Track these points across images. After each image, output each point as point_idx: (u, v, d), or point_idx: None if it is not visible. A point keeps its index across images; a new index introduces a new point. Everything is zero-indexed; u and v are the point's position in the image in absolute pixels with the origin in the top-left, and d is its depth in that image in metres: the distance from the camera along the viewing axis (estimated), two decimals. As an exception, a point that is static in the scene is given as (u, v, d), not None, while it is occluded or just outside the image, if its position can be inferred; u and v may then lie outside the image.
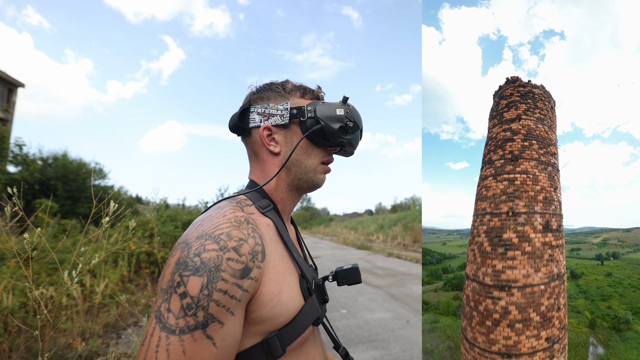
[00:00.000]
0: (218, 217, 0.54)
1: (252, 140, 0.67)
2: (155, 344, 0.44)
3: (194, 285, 0.46)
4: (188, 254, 0.48)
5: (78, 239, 5.00)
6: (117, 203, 1.19)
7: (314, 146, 0.66)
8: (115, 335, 3.87)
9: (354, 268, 0.73)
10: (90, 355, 3.21)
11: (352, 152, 0.74)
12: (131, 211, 6.24)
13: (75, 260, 1.21)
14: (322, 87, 0.71)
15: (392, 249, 12.45)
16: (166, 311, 0.46)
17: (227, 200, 0.61)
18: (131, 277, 5.37)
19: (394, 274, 7.50)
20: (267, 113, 0.65)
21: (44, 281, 3.91)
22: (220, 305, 0.47)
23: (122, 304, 1.71)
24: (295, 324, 0.55)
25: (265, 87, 0.68)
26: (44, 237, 1.08)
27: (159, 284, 0.50)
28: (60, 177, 10.92)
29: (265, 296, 0.53)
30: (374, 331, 3.83)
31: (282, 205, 0.67)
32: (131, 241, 5.04)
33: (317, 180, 0.68)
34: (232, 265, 0.49)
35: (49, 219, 6.44)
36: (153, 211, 5.02)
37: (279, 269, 0.56)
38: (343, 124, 0.65)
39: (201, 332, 0.45)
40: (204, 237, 0.50)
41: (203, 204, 10.07)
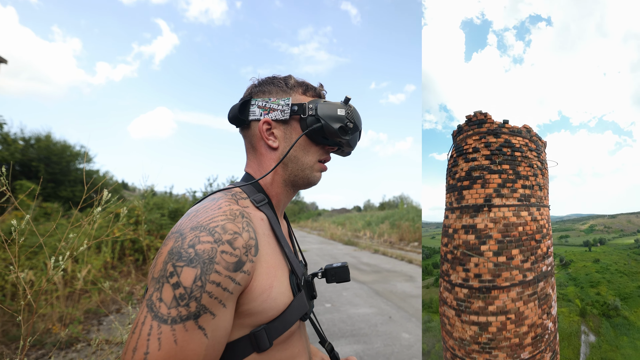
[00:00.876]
0: (213, 209, 0.54)
1: (251, 133, 0.67)
2: (147, 333, 0.44)
3: (188, 276, 0.46)
4: (182, 245, 0.48)
5: (60, 223, 4.88)
6: (104, 189, 1.18)
7: (312, 144, 0.67)
8: (96, 321, 3.82)
9: (344, 266, 0.74)
10: (70, 341, 3.16)
11: (349, 152, 0.75)
12: (117, 198, 6.12)
13: (60, 246, 1.19)
14: (317, 82, 0.72)
15: (378, 246, 12.61)
16: (158, 300, 0.46)
17: (222, 192, 0.61)
18: (114, 264, 5.29)
19: (379, 271, 7.61)
20: (268, 107, 0.65)
21: (23, 264, 3.82)
22: (213, 296, 0.47)
23: (105, 290, 1.69)
24: (283, 319, 0.56)
25: (268, 80, 0.68)
26: (31, 221, 1.05)
27: (150, 272, 0.50)
28: (43, 158, 10.57)
29: (256, 290, 0.53)
30: (357, 326, 3.90)
31: (276, 200, 0.67)
32: (116, 227, 4.95)
33: (313, 177, 0.68)
34: (225, 258, 0.49)
35: (30, 201, 6.24)
36: (140, 198, 4.94)
37: (271, 264, 0.57)
38: (343, 124, 0.65)
39: (193, 322, 0.45)
40: (199, 228, 0.50)
41: (191, 193, 9.95)
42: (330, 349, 0.74)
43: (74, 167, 11.51)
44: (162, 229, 6.24)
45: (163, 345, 0.44)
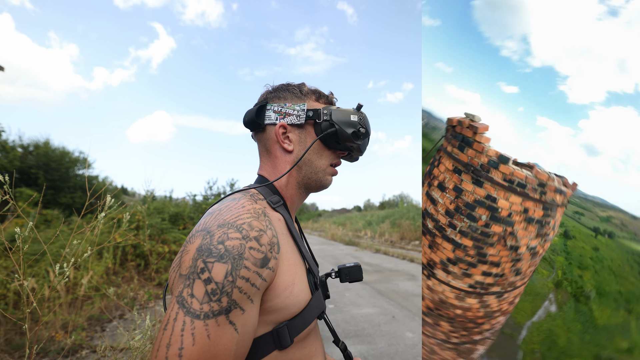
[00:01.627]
0: (237, 207, 0.55)
1: (266, 136, 0.69)
2: (180, 328, 0.44)
3: (219, 271, 0.47)
4: (211, 241, 0.49)
5: (62, 230, 4.87)
6: (107, 195, 1.18)
7: (325, 148, 0.70)
8: (99, 328, 3.81)
9: (357, 266, 0.77)
10: (74, 348, 3.15)
11: (358, 158, 0.78)
12: (119, 204, 6.12)
13: (63, 253, 1.19)
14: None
15: (379, 246, 12.60)
16: (189, 296, 0.46)
17: (240, 193, 0.62)
18: (116, 270, 5.28)
19: (381, 270, 7.61)
20: (284, 112, 0.68)
21: (25, 272, 3.81)
22: (243, 292, 0.48)
23: (109, 295, 1.69)
24: (303, 316, 0.58)
25: (282, 87, 0.71)
26: (34, 228, 1.06)
27: (175, 271, 0.51)
28: (42, 165, 10.56)
29: (280, 286, 0.55)
30: (361, 326, 3.90)
31: (290, 202, 0.70)
32: (117, 233, 4.95)
33: (326, 180, 0.71)
34: (254, 254, 0.50)
35: (30, 208, 6.23)
36: (141, 203, 4.94)
37: (292, 262, 0.59)
38: (356, 129, 0.68)
39: (224, 317, 0.46)
40: (226, 225, 0.51)
41: (191, 197, 9.93)
42: (343, 348, 0.75)
43: (73, 173, 11.49)
44: (163, 234, 6.23)
45: (197, 340, 0.44)
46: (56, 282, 1.05)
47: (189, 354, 0.43)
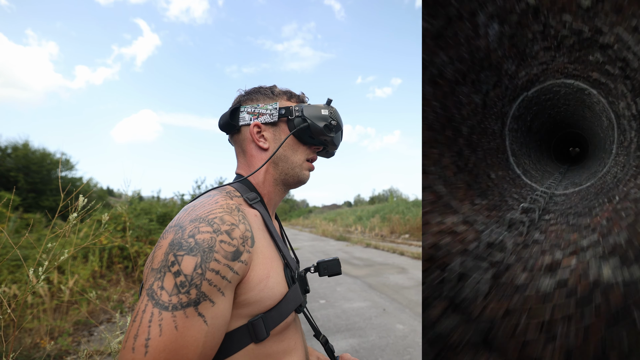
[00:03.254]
0: (211, 203, 0.56)
1: (242, 137, 0.71)
2: (148, 319, 0.45)
3: (188, 264, 0.48)
4: (182, 236, 0.50)
5: (43, 234, 4.74)
6: (86, 197, 1.14)
7: (300, 144, 0.71)
8: (87, 332, 3.73)
9: (335, 260, 0.79)
10: (60, 354, 3.08)
11: (333, 152, 0.81)
12: (102, 204, 5.98)
13: (40, 256, 1.15)
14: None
15: (370, 240, 12.71)
16: (159, 289, 0.47)
17: (216, 190, 0.63)
18: (103, 273, 5.17)
19: (372, 264, 7.68)
20: (257, 112, 0.70)
21: (6, 279, 3.69)
22: (212, 284, 0.49)
23: (91, 300, 1.65)
24: (279, 309, 0.58)
25: (255, 90, 0.73)
26: (5, 233, 1.02)
27: (148, 266, 0.51)
28: (22, 168, 10.22)
29: (254, 279, 0.55)
30: (352, 320, 3.93)
31: (268, 198, 0.71)
32: (103, 235, 4.84)
33: (303, 175, 0.73)
34: (224, 247, 0.51)
35: (10, 213, 6.02)
36: (125, 204, 4.83)
37: (267, 255, 0.59)
38: (327, 122, 0.71)
39: (193, 309, 0.47)
40: (198, 220, 0.52)
41: (179, 197, 9.79)
42: (324, 342, 0.76)
43: (55, 175, 11.17)
44: (151, 234, 6.12)
45: (164, 331, 0.45)
46: (31, 288, 1.01)
47: (155, 344, 0.44)
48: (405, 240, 12.10)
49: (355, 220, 19.61)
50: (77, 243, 4.28)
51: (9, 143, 10.52)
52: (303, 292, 0.68)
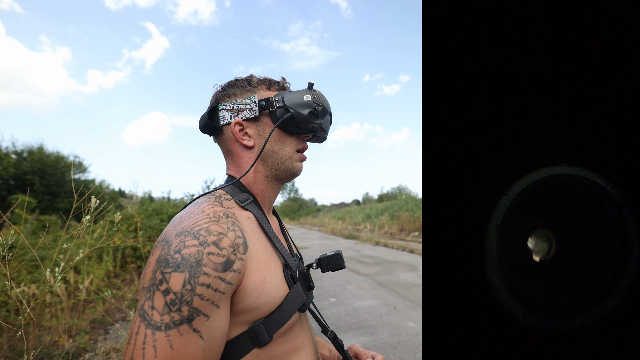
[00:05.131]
0: (197, 213, 0.54)
1: (225, 137, 0.68)
2: (142, 342, 0.44)
3: (176, 281, 0.46)
4: (168, 252, 0.48)
5: (59, 235, 4.86)
6: (98, 198, 1.16)
7: (287, 135, 0.67)
8: (103, 331, 3.82)
9: (337, 254, 0.75)
10: (78, 352, 3.16)
11: (325, 137, 0.76)
12: (114, 205, 6.11)
13: (57, 257, 1.17)
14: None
15: (379, 238, 12.66)
16: (150, 309, 0.46)
17: (205, 196, 0.61)
18: (117, 272, 5.29)
19: (381, 262, 7.65)
20: (236, 109, 0.65)
21: (25, 279, 3.80)
22: (205, 298, 0.47)
23: (107, 299, 1.68)
24: (280, 312, 0.57)
25: (230, 84, 0.69)
26: (22, 234, 1.04)
27: (140, 283, 0.50)
28: (37, 171, 10.51)
29: (250, 287, 0.53)
30: (363, 318, 3.93)
31: (261, 197, 0.68)
32: (116, 236, 4.94)
33: (295, 168, 0.68)
34: (213, 259, 0.49)
35: (27, 215, 6.20)
36: (136, 205, 4.92)
37: (262, 259, 0.57)
38: (312, 109, 0.65)
39: (187, 326, 0.46)
40: (183, 233, 0.50)
41: (189, 197, 9.92)
42: (333, 337, 0.75)
43: (69, 178, 11.45)
44: (161, 236, 6.21)
45: (159, 352, 0.44)
46: (49, 288, 1.04)
47: None
48: (414, 238, 12.00)
49: (364, 218, 19.54)
50: (92, 244, 4.38)
51: (25, 147, 10.83)
52: (307, 290, 0.65)
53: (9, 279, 0.94)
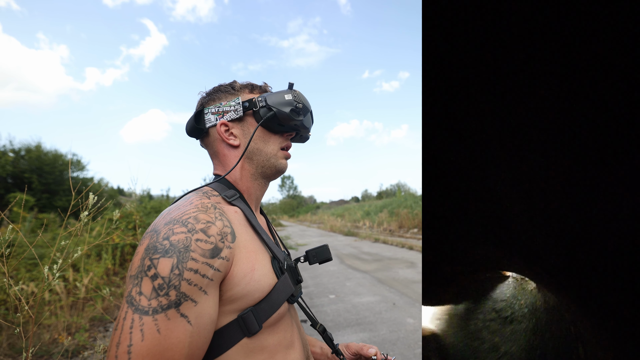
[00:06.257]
0: (185, 205, 0.56)
1: (211, 139, 0.70)
2: (129, 326, 0.44)
3: (165, 266, 0.47)
4: (157, 239, 0.49)
5: (57, 233, 4.85)
6: (96, 195, 1.16)
7: (271, 133, 0.70)
8: (102, 328, 3.83)
9: (324, 246, 0.78)
10: (77, 349, 3.17)
11: (308, 136, 0.79)
12: (112, 203, 6.11)
13: (55, 255, 1.17)
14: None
15: (378, 235, 12.69)
16: (138, 294, 0.46)
17: (193, 192, 0.63)
18: (116, 270, 5.28)
19: (381, 259, 7.67)
20: (221, 111, 0.68)
21: (24, 277, 3.80)
22: (192, 284, 0.48)
23: (105, 297, 1.68)
24: (269, 300, 0.57)
25: (215, 89, 0.72)
26: (20, 232, 1.04)
27: (128, 273, 0.50)
28: (35, 169, 10.47)
29: (238, 274, 0.54)
30: (362, 314, 3.94)
31: (247, 194, 0.70)
32: (115, 234, 4.93)
33: (280, 165, 0.71)
34: (201, 246, 0.50)
35: (25, 213, 6.19)
36: (134, 202, 4.91)
37: (250, 249, 0.58)
38: (293, 107, 0.69)
39: (175, 310, 0.46)
40: (172, 222, 0.51)
41: (188, 195, 9.90)
42: (322, 330, 0.76)
43: (68, 175, 11.42)
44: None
45: (146, 336, 0.44)
46: (47, 285, 1.04)
47: (138, 350, 0.43)
48: (413, 235, 12.04)
49: (363, 215, 19.57)
50: (90, 241, 4.38)
51: (23, 145, 10.78)
52: (295, 283, 0.66)
53: (8, 277, 0.94)
